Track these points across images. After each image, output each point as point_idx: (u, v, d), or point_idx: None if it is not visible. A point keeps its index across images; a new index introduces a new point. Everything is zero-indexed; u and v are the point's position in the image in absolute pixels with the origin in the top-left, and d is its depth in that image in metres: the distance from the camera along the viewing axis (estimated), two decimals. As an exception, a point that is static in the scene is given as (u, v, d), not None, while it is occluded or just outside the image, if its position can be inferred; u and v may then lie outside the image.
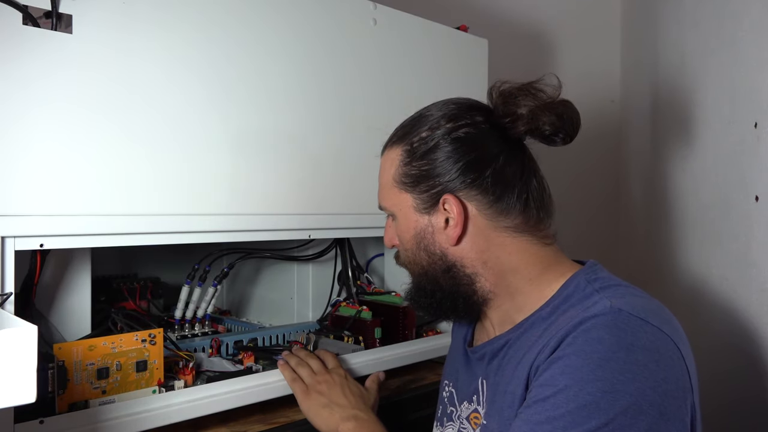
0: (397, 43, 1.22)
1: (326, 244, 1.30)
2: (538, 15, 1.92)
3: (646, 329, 0.66)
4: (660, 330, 0.66)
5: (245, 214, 0.99)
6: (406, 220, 0.82)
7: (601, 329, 0.65)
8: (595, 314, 0.67)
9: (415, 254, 0.83)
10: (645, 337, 0.65)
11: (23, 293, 0.85)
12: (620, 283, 0.75)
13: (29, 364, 0.52)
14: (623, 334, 0.65)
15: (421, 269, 0.83)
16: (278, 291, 1.37)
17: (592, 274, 0.76)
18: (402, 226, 0.83)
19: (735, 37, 1.27)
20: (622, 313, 0.66)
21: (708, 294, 1.37)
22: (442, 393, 0.93)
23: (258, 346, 1.11)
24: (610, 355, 0.63)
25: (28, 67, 0.78)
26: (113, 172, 0.85)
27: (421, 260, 0.82)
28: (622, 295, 0.71)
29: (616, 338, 0.64)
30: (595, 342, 0.64)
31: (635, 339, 0.64)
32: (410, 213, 0.81)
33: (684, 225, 1.50)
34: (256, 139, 1.01)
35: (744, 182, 1.24)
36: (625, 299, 0.69)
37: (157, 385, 0.88)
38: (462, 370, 0.89)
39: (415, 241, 0.82)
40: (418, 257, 0.82)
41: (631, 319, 0.66)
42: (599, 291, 0.72)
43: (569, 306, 0.73)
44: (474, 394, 0.83)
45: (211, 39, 0.95)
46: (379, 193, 0.86)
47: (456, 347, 0.95)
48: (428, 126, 0.79)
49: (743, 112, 1.24)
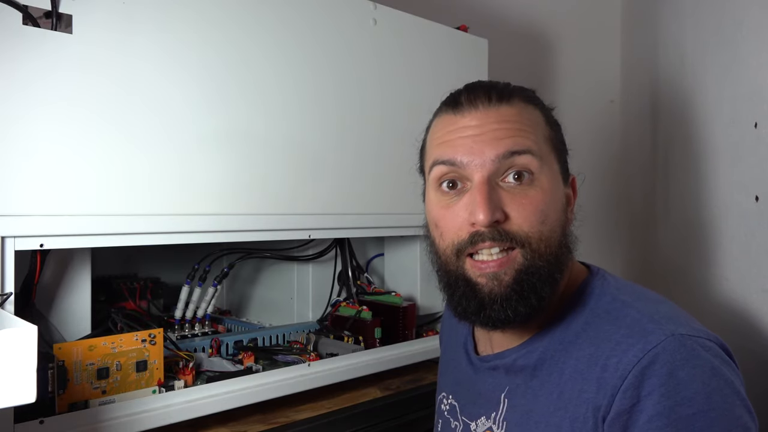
0: (397, 43, 1.22)
1: (326, 244, 1.30)
2: (538, 15, 1.92)
3: (708, 345, 0.64)
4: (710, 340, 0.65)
5: (245, 214, 0.99)
6: (555, 185, 0.71)
7: (681, 367, 0.61)
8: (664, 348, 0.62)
9: (559, 231, 0.70)
10: (713, 354, 0.64)
11: (23, 293, 0.85)
12: (633, 285, 0.74)
13: (29, 364, 0.52)
14: (704, 364, 0.62)
15: (556, 251, 0.69)
16: (278, 291, 1.37)
17: (601, 278, 0.74)
18: (551, 189, 0.70)
19: (735, 37, 1.27)
20: (685, 340, 0.63)
21: (708, 294, 1.37)
22: (441, 406, 0.86)
23: (258, 346, 1.11)
24: (708, 389, 0.61)
25: (28, 67, 0.78)
26: (113, 172, 0.85)
27: (562, 238, 0.71)
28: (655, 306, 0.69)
29: (701, 371, 0.62)
30: (689, 382, 0.61)
31: (712, 363, 0.63)
32: (558, 180, 0.72)
33: (684, 225, 1.50)
34: (256, 139, 1.01)
35: (744, 182, 1.24)
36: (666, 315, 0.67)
37: (157, 385, 0.88)
38: (466, 381, 0.82)
39: (562, 213, 0.72)
40: (560, 234, 0.70)
41: (697, 343, 0.63)
42: (618, 296, 0.70)
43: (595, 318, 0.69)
44: (493, 410, 0.75)
45: (210, 39, 0.95)
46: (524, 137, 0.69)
47: (453, 357, 0.87)
48: (543, 102, 0.75)
49: (743, 112, 1.24)
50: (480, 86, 0.73)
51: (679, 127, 1.52)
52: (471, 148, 0.69)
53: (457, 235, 0.69)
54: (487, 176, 0.68)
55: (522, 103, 0.71)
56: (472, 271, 0.69)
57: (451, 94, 0.75)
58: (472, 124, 0.70)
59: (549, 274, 0.68)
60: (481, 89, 0.72)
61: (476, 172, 0.68)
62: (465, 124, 0.70)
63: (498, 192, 0.68)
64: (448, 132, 0.72)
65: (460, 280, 0.70)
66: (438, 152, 0.72)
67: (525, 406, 0.71)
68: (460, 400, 0.82)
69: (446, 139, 0.72)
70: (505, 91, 0.72)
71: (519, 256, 0.67)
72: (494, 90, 0.71)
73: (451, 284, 0.71)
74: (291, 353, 1.09)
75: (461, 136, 0.70)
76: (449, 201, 0.71)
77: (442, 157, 0.71)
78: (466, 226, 0.68)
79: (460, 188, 0.70)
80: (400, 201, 1.19)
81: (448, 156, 0.70)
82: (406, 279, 1.39)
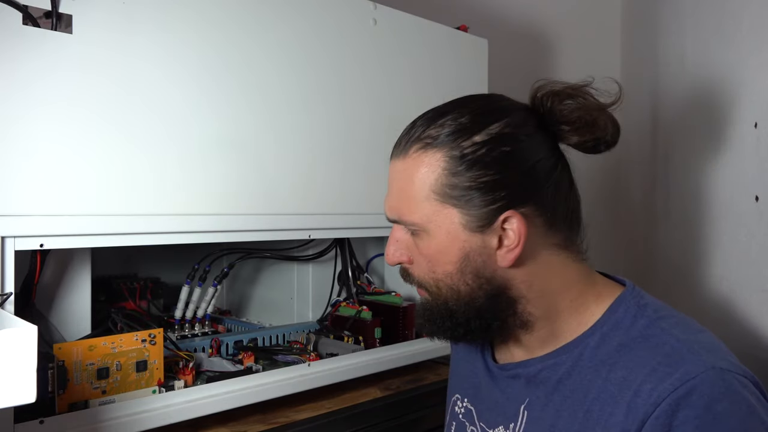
0: (397, 43, 1.22)
1: (326, 244, 1.30)
2: (538, 15, 1.92)
3: (744, 383, 0.62)
4: (746, 377, 0.64)
5: (245, 214, 0.99)
6: (449, 239, 0.69)
7: (719, 401, 0.60)
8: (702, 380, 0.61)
9: (453, 278, 0.71)
10: (750, 392, 0.62)
11: (23, 293, 0.85)
12: (673, 312, 0.71)
13: (29, 364, 0.52)
14: (741, 401, 0.61)
15: (456, 294, 0.71)
16: (278, 291, 1.37)
17: (639, 298, 0.72)
18: (437, 245, 0.70)
19: (735, 37, 1.27)
20: (725, 374, 0.62)
21: (708, 294, 1.37)
22: (455, 408, 0.85)
23: (258, 346, 1.11)
24: (743, 427, 0.60)
25: (28, 67, 0.78)
26: (113, 172, 0.85)
27: (461, 285, 0.71)
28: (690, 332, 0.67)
29: (738, 407, 0.60)
30: (726, 418, 0.60)
31: (749, 402, 0.61)
32: (457, 231, 0.69)
33: (684, 225, 1.50)
34: (256, 138, 1.01)
35: (744, 182, 1.24)
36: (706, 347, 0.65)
37: (157, 385, 0.88)
38: (484, 386, 0.81)
39: (460, 264, 0.70)
40: (457, 281, 0.71)
41: (735, 380, 0.62)
42: (657, 321, 0.68)
43: (631, 342, 0.68)
44: (512, 421, 0.74)
45: (210, 40, 0.95)
46: (399, 204, 0.72)
47: (466, 357, 0.87)
48: (479, 129, 0.68)
49: (743, 112, 1.24)
50: (407, 126, 0.75)
51: (679, 127, 1.52)
52: (385, 200, 0.76)
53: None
54: (394, 224, 0.76)
55: (417, 152, 0.70)
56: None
57: None
58: (388, 175, 0.76)
59: (451, 316, 0.72)
60: (403, 132, 0.75)
61: None
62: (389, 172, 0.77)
63: (405, 237, 0.74)
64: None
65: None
66: None
67: (546, 420, 0.70)
68: (477, 405, 0.81)
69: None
70: (411, 137, 0.72)
71: (425, 294, 0.75)
72: (407, 134, 0.74)
73: None
74: (291, 353, 1.09)
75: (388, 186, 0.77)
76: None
77: None
78: None
79: None
80: (400, 201, 1.19)
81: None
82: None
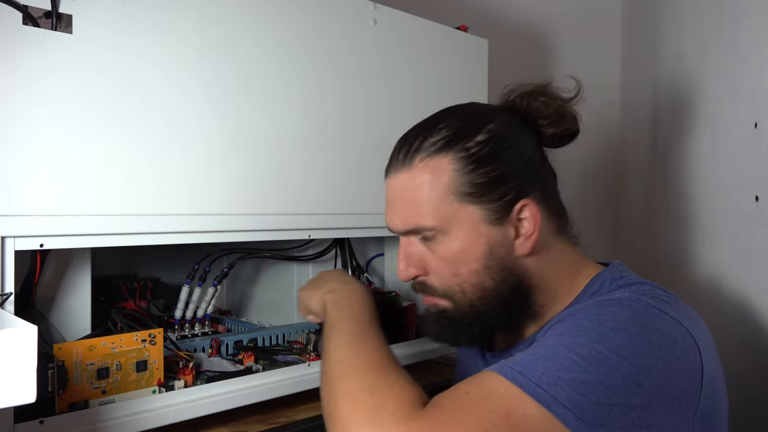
0: (397, 43, 1.22)
1: (326, 244, 1.30)
2: (538, 15, 1.92)
3: (664, 318, 0.64)
4: (679, 323, 0.65)
5: (245, 214, 0.99)
6: (471, 237, 0.72)
7: (617, 307, 0.64)
8: (613, 297, 0.66)
9: (480, 275, 0.72)
10: (662, 323, 0.64)
11: (23, 293, 0.85)
12: (646, 282, 0.73)
13: (29, 364, 0.52)
14: (639, 315, 0.63)
15: (482, 292, 0.73)
16: (278, 291, 1.37)
17: (617, 272, 0.75)
18: (460, 245, 0.72)
19: (735, 37, 1.27)
20: (641, 300, 0.65)
21: (707, 294, 1.37)
22: None
23: (258, 346, 1.11)
24: (622, 326, 0.61)
25: (28, 67, 0.78)
26: (113, 172, 0.85)
27: (488, 280, 0.72)
28: (647, 290, 0.69)
29: (631, 316, 0.63)
30: (609, 314, 0.63)
31: (650, 322, 0.63)
32: (478, 227, 0.72)
33: (684, 225, 1.50)
34: (256, 139, 1.01)
35: (744, 182, 1.24)
36: (649, 294, 0.68)
37: (157, 385, 0.88)
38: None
39: (485, 258, 0.72)
40: (483, 278, 0.72)
41: (650, 308, 0.64)
42: (624, 287, 0.71)
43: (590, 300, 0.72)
44: None
45: (210, 40, 0.95)
46: (414, 212, 0.74)
47: (468, 353, 0.91)
48: (477, 130, 0.74)
49: (743, 112, 1.24)
50: (397, 145, 0.77)
51: (679, 127, 1.52)
52: (388, 217, 0.78)
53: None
54: (402, 238, 0.77)
55: (423, 161, 0.73)
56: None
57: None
58: (388, 191, 0.78)
59: (479, 318, 0.73)
60: (396, 150, 0.77)
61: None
62: (387, 187, 0.78)
63: (418, 248, 0.75)
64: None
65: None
66: None
67: None
68: None
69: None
70: (411, 150, 0.75)
71: (445, 303, 0.75)
72: (403, 149, 0.76)
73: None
74: (291, 353, 1.09)
75: (387, 201, 0.78)
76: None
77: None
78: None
79: None
80: (400, 201, 1.19)
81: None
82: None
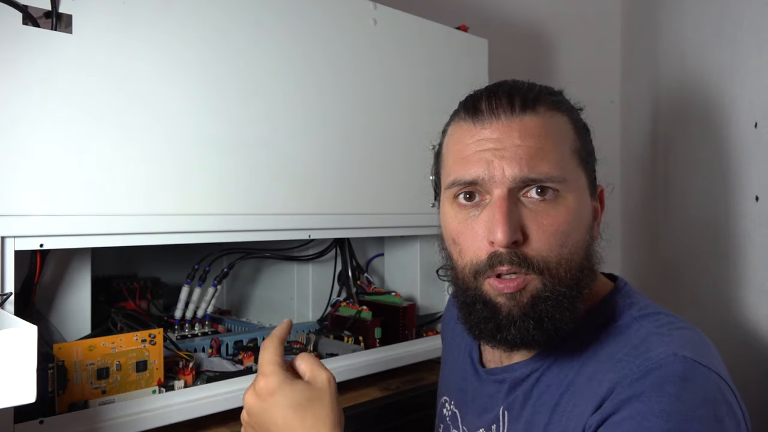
0: (397, 43, 1.22)
1: (326, 244, 1.30)
2: (538, 15, 1.92)
3: (713, 378, 0.59)
4: (723, 379, 0.60)
5: (245, 214, 0.99)
6: (582, 204, 0.66)
7: (672, 383, 0.57)
8: (660, 365, 0.58)
9: (582, 252, 0.66)
10: (715, 388, 0.59)
11: (23, 293, 0.85)
12: (659, 310, 0.68)
13: (29, 364, 0.52)
14: (698, 388, 0.58)
15: (580, 273, 0.66)
16: (278, 291, 1.37)
17: (626, 298, 0.70)
18: (576, 210, 0.65)
19: (735, 37, 1.27)
20: (687, 362, 0.58)
21: (707, 294, 1.37)
22: (443, 410, 0.85)
23: (258, 346, 1.11)
24: (691, 414, 0.55)
25: (28, 68, 0.78)
26: (113, 172, 0.85)
27: (585, 261, 0.66)
28: (669, 329, 0.64)
29: (691, 393, 0.57)
30: (674, 399, 0.56)
31: (708, 392, 0.58)
32: (585, 195, 0.67)
33: (684, 225, 1.50)
34: (256, 139, 1.01)
35: (744, 182, 1.24)
36: (680, 340, 0.62)
37: (157, 385, 0.88)
38: (471, 389, 0.79)
39: (589, 232, 0.67)
40: (586, 255, 0.66)
41: (699, 369, 0.59)
42: (639, 319, 0.66)
43: (608, 338, 0.66)
44: (493, 423, 0.73)
45: (210, 40, 0.95)
46: (542, 159, 0.64)
47: (456, 361, 0.85)
48: (570, 105, 0.71)
49: (743, 112, 1.24)
50: (502, 91, 0.67)
51: (679, 128, 1.52)
52: (491, 165, 0.64)
53: (477, 255, 0.65)
54: (506, 192, 0.63)
55: (548, 112, 0.66)
56: (492, 291, 0.65)
57: (471, 97, 0.70)
58: (493, 137, 0.65)
59: (568, 301, 0.64)
60: (503, 95, 0.66)
61: (496, 188, 0.64)
62: (485, 136, 0.65)
63: (519, 209, 0.64)
64: (466, 145, 0.67)
65: (478, 302, 0.66)
66: (456, 171, 0.67)
67: (525, 417, 0.69)
68: (462, 408, 0.80)
69: (465, 154, 0.66)
70: (530, 96, 0.66)
71: (536, 282, 0.64)
72: (518, 95, 0.66)
73: (468, 304, 0.67)
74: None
75: (481, 150, 0.65)
76: (467, 216, 0.66)
77: (462, 178, 0.66)
78: (485, 245, 0.64)
79: (478, 201, 0.66)
80: (401, 201, 1.20)
81: (468, 177, 0.65)
82: (406, 279, 1.39)
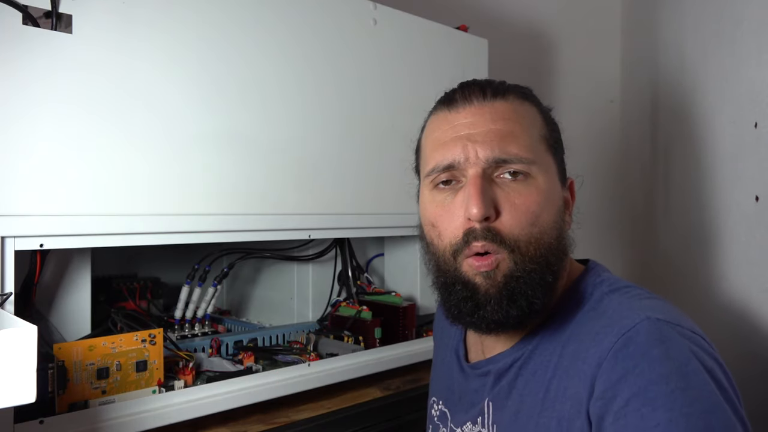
0: (397, 43, 1.22)
1: (326, 244, 1.30)
2: (538, 15, 1.92)
3: (687, 334, 0.62)
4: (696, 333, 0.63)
5: (245, 214, 0.99)
6: (552, 187, 0.69)
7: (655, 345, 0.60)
8: (637, 330, 0.61)
9: (553, 232, 0.68)
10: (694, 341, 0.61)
11: (23, 293, 0.85)
12: (628, 284, 0.70)
13: (29, 364, 0.52)
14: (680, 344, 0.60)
15: (549, 254, 0.68)
16: (278, 291, 1.37)
17: (596, 276, 0.72)
18: (546, 190, 0.68)
19: (735, 37, 1.27)
20: (661, 323, 0.61)
21: (708, 294, 1.37)
22: (431, 411, 0.85)
23: (258, 346, 1.11)
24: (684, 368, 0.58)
25: (28, 67, 0.78)
26: (113, 172, 0.85)
27: (554, 241, 0.68)
28: (639, 299, 0.66)
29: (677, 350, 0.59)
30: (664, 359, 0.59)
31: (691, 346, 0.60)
32: (555, 181, 0.70)
33: (684, 225, 1.50)
34: (256, 139, 1.01)
35: (744, 182, 1.24)
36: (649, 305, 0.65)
37: (157, 385, 0.88)
38: (457, 387, 0.80)
39: (558, 215, 0.70)
40: (552, 237, 0.68)
41: (673, 328, 0.61)
42: (609, 294, 0.68)
43: (583, 316, 0.68)
44: (479, 415, 0.74)
45: (210, 40, 0.95)
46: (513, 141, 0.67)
47: (444, 361, 0.86)
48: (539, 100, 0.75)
49: (743, 112, 1.24)
50: (475, 82, 0.72)
51: (679, 128, 1.52)
52: (465, 148, 0.68)
53: (454, 234, 0.68)
54: (481, 171, 0.67)
55: (517, 99, 0.71)
56: (470, 270, 0.67)
57: (446, 93, 0.74)
58: (467, 121, 0.69)
59: (539, 278, 0.66)
60: (476, 85, 0.71)
61: (470, 168, 0.67)
62: (459, 120, 0.69)
63: (492, 188, 0.67)
64: (443, 131, 0.70)
65: (457, 282, 0.68)
66: (434, 158, 0.71)
67: (511, 408, 0.70)
68: (451, 407, 0.81)
69: (441, 141, 0.70)
70: (501, 87, 0.71)
71: (508, 262, 0.66)
72: (489, 86, 0.71)
73: (447, 285, 0.69)
74: (291, 353, 1.09)
75: (455, 136, 0.69)
76: (444, 199, 0.69)
77: (440, 164, 0.69)
78: (462, 223, 0.67)
79: (455, 185, 0.69)
80: (400, 201, 1.19)
81: (446, 162, 0.69)
82: (406, 279, 1.39)
